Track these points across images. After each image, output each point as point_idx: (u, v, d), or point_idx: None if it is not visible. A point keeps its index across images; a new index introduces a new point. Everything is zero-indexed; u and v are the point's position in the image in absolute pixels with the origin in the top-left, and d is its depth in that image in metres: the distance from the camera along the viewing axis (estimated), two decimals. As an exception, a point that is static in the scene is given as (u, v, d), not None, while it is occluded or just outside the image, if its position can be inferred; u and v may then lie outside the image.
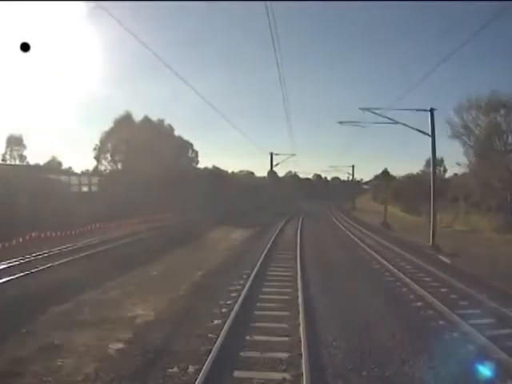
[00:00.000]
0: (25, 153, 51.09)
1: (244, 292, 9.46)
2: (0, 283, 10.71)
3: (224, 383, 5.41)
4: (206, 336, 6.98)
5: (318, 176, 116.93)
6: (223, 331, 6.86)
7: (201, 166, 55.32)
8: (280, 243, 20.20)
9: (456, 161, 33.85)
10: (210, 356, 5.84)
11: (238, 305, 8.39)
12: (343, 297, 9.72)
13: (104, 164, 45.93)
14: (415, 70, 76.33)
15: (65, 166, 50.17)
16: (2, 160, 47.91)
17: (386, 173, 57.16)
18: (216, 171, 56.33)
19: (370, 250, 16.96)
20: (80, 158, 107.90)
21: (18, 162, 48.91)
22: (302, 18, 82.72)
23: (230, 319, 7.46)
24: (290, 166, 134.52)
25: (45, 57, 58.46)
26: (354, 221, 37.87)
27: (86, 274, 11.66)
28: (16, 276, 11.45)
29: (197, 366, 5.70)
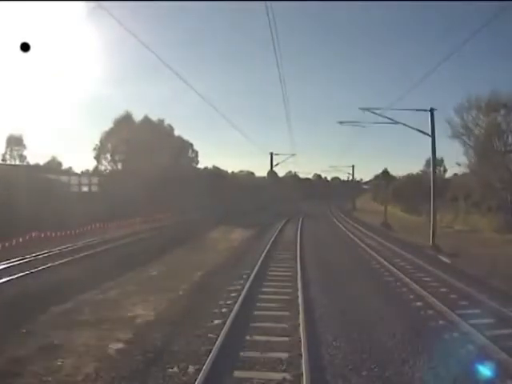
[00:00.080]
0: (25, 153, 51.15)
1: (244, 292, 9.48)
2: (0, 283, 10.72)
3: (224, 383, 5.41)
4: (206, 336, 6.99)
5: (318, 176, 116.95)
6: (223, 331, 6.87)
7: (201, 166, 55.51)
8: (280, 243, 20.20)
9: (456, 161, 33.83)
10: (210, 356, 5.84)
11: (237, 305, 8.41)
12: (343, 297, 9.73)
13: (104, 164, 46.03)
14: (415, 70, 76.26)
15: (65, 166, 50.22)
16: (2, 160, 47.93)
17: (386, 173, 57.10)
18: (216, 171, 56.31)
19: (369, 250, 17.00)
20: (80, 158, 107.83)
21: (17, 162, 48.91)
22: (302, 18, 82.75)
23: (230, 319, 7.47)
24: (290, 166, 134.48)
25: (45, 57, 58.41)
26: (354, 221, 37.86)
27: (85, 274, 11.70)
28: (16, 276, 11.46)
29: (197, 366, 5.70)
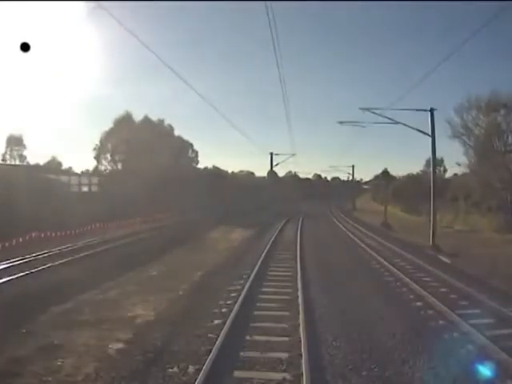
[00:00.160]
0: (25, 153, 51.14)
1: (244, 292, 9.48)
2: (0, 283, 10.72)
3: (224, 383, 5.41)
4: (206, 336, 6.99)
5: (318, 176, 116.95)
6: (223, 331, 6.87)
7: (201, 166, 55.50)
8: (280, 243, 20.21)
9: (456, 161, 33.88)
10: (210, 356, 5.84)
11: (237, 305, 8.41)
12: (343, 297, 9.73)
13: (104, 164, 46.04)
14: (415, 70, 76.28)
15: (65, 166, 50.18)
16: (2, 160, 47.91)
17: (386, 173, 57.10)
18: (216, 171, 56.31)
19: (369, 250, 17.00)
20: (80, 158, 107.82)
21: (17, 162, 48.90)
22: (302, 18, 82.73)
23: (230, 319, 7.47)
24: (290, 166, 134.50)
25: (45, 57, 58.35)
26: (354, 221, 37.86)
27: (85, 274, 11.70)
28: (16, 276, 11.46)
29: (197, 366, 5.70)
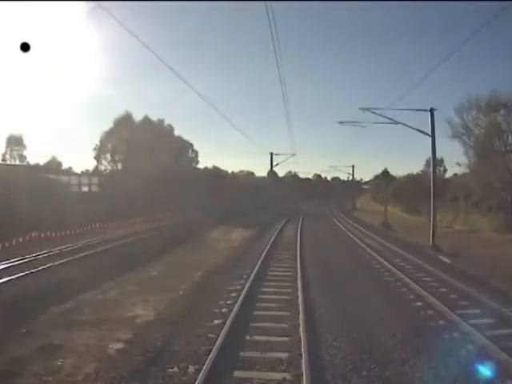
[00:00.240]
0: (25, 153, 51.13)
1: (244, 292, 9.48)
2: (0, 283, 10.72)
3: (224, 383, 5.41)
4: (206, 336, 6.99)
5: (318, 176, 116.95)
6: (223, 331, 6.87)
7: (201, 166, 55.49)
8: (280, 243, 20.22)
9: (455, 161, 33.88)
10: (210, 356, 5.85)
11: (237, 305, 8.41)
12: (343, 297, 9.74)
13: (104, 164, 46.05)
14: (415, 70, 76.28)
15: (65, 166, 50.18)
16: (2, 160, 47.91)
17: (386, 173, 57.07)
18: (216, 171, 56.30)
19: (369, 250, 17.01)
20: (80, 158, 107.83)
21: (18, 162, 48.89)
22: (302, 18, 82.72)
23: (230, 319, 7.47)
24: (290, 166, 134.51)
25: (45, 57, 58.36)
26: (354, 221, 37.86)
27: (85, 274, 11.70)
28: (16, 276, 11.46)
29: (197, 366, 5.71)
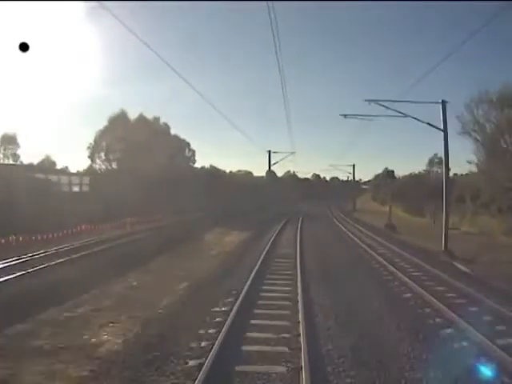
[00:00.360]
0: (18, 152, 49.63)
1: (232, 314, 7.78)
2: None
3: None
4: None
5: (317, 176, 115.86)
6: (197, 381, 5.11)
7: (198, 165, 54.03)
8: (278, 246, 18.86)
9: (458, 160, 32.60)
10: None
11: (222, 335, 6.66)
12: (355, 325, 7.63)
13: (98, 163, 44.75)
14: (415, 69, 75.13)
15: (61, 165, 48.85)
16: (-5, 159, 46.45)
17: (389, 172, 55.65)
18: (213, 171, 54.87)
19: (380, 258, 15.12)
20: (78, 157, 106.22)
21: (11, 161, 47.47)
22: (302, 18, 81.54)
23: (210, 360, 5.66)
24: (288, 166, 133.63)
25: (43, 56, 57.05)
26: (356, 222, 36.45)
27: (54, 287, 10.18)
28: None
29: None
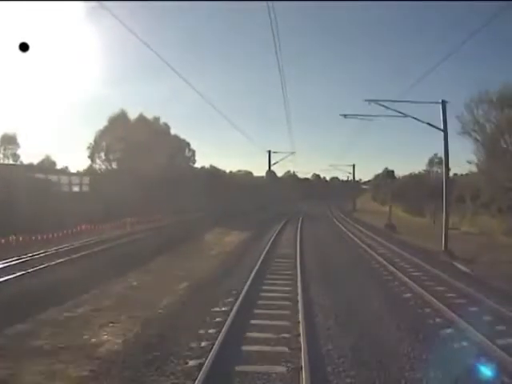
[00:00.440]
0: (18, 152, 49.58)
1: (232, 314, 7.80)
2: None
3: None
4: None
5: (317, 176, 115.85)
6: (197, 381, 5.10)
7: (198, 165, 54.00)
8: (278, 246, 18.83)
9: (458, 160, 32.57)
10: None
11: (222, 335, 6.68)
12: (355, 325, 7.60)
13: (98, 163, 44.74)
14: (415, 69, 75.16)
15: (61, 165, 48.83)
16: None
17: (389, 172, 55.62)
18: (213, 171, 54.84)
19: (380, 258, 15.13)
20: (79, 157, 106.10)
21: (11, 161, 47.43)
22: (302, 19, 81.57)
23: (210, 360, 5.68)
24: (288, 166, 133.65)
25: (42, 56, 56.99)
26: (356, 222, 36.43)
27: (55, 286, 10.19)
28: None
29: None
